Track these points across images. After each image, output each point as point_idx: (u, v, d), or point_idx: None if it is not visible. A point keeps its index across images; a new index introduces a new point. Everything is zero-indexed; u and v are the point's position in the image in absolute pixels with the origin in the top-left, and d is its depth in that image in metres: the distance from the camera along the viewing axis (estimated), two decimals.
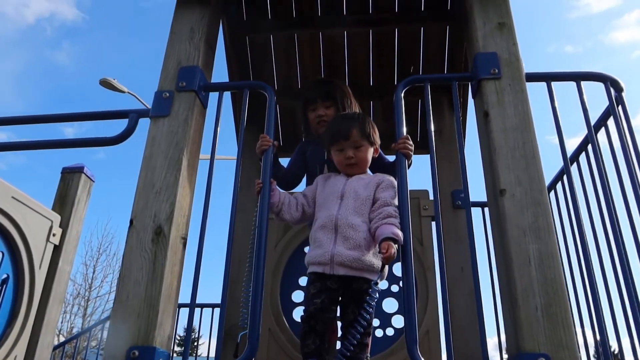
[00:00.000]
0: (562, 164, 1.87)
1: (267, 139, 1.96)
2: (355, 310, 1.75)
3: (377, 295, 1.68)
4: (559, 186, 2.64)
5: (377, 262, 1.75)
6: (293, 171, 2.49)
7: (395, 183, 1.91)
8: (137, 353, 1.51)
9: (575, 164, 2.40)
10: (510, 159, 1.71)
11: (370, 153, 2.02)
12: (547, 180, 2.14)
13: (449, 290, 1.67)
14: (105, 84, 10.65)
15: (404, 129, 1.92)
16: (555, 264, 1.53)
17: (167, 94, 1.98)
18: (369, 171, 2.07)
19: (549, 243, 1.57)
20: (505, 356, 2.83)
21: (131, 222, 1.76)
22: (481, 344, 1.56)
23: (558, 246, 1.60)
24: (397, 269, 2.69)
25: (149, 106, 2.01)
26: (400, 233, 1.69)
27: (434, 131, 1.96)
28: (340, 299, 1.81)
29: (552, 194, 2.67)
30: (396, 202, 1.82)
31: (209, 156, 1.92)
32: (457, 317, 2.56)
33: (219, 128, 1.96)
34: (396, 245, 1.66)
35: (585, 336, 2.44)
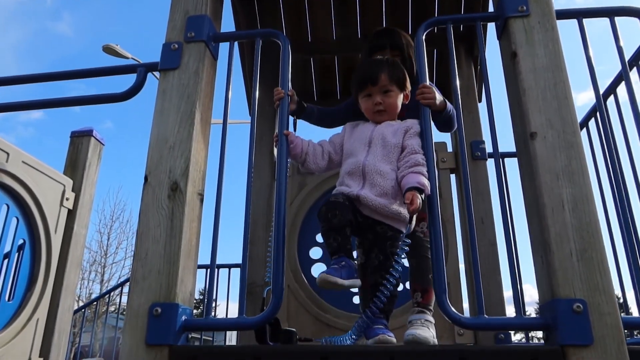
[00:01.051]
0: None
1: (281, 91, 1.87)
2: (379, 256, 1.71)
3: (407, 247, 1.64)
4: (591, 123, 2.54)
5: (404, 211, 1.70)
6: (335, 112, 2.31)
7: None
8: (159, 310, 1.48)
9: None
10: (541, 100, 1.62)
11: (400, 99, 1.93)
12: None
13: (469, 242, 1.61)
14: (109, 50, 10.50)
15: (426, 75, 1.82)
16: (590, 207, 1.46)
17: (176, 46, 1.89)
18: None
19: (583, 186, 1.49)
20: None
21: (146, 178, 1.70)
22: (513, 292, 1.51)
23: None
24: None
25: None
26: (427, 182, 1.62)
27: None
28: (362, 240, 1.77)
29: (583, 131, 2.58)
30: (422, 151, 1.74)
31: (221, 120, 1.84)
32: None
33: (231, 79, 1.87)
34: (422, 195, 1.59)
35: (622, 282, 2.39)
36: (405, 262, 2.02)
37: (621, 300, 2.56)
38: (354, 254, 1.78)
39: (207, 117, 1.87)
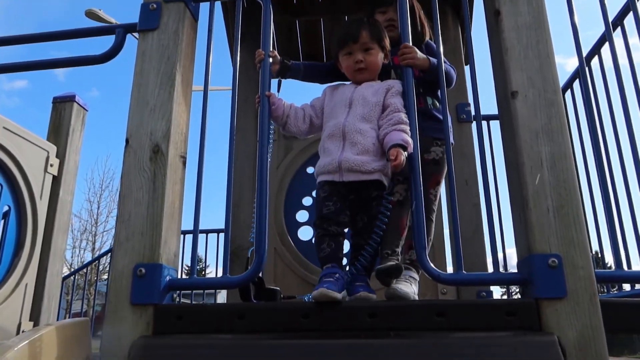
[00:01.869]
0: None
1: (262, 52, 1.85)
2: (364, 218, 1.73)
3: (388, 210, 1.65)
4: (576, 85, 2.55)
5: (386, 169, 1.70)
6: (323, 67, 2.27)
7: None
8: (143, 270, 1.50)
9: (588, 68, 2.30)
10: (522, 59, 1.61)
11: (381, 58, 1.92)
12: (562, 81, 2.05)
13: (451, 206, 1.63)
14: (92, 15, 10.23)
15: (409, 35, 1.80)
16: (568, 165, 1.48)
17: (154, 5, 1.84)
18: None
19: (562, 144, 1.50)
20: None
21: (127, 141, 1.69)
22: (492, 252, 1.55)
23: (573, 148, 1.54)
24: None
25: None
26: (410, 140, 1.63)
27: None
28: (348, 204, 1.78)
29: (567, 94, 2.59)
30: (404, 110, 1.74)
31: (202, 87, 1.81)
32: (461, 230, 2.56)
33: (212, 39, 1.83)
34: (405, 152, 1.60)
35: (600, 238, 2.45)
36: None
37: (599, 256, 2.62)
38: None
39: (188, 79, 1.84)
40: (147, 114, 1.71)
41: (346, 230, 1.75)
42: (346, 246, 1.80)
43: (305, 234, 2.88)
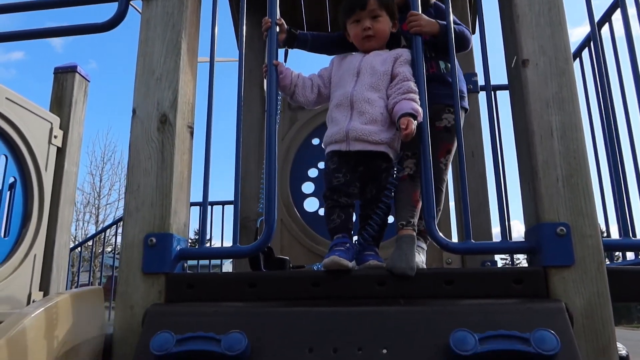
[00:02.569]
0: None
1: (269, 20, 1.82)
2: (372, 190, 1.73)
3: (396, 180, 1.66)
4: (585, 53, 2.52)
5: (395, 138, 1.70)
6: (331, 37, 2.21)
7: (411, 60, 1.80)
8: (154, 240, 1.51)
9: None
10: (534, 27, 1.59)
11: (389, 26, 1.89)
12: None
13: (460, 175, 1.63)
14: None
15: (418, 3, 1.77)
16: (578, 134, 1.47)
17: None
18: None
19: (572, 114, 1.50)
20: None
21: (134, 111, 1.68)
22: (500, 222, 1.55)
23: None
24: None
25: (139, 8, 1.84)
26: (420, 109, 1.61)
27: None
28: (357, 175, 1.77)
29: (576, 62, 2.56)
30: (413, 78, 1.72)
31: (206, 59, 1.79)
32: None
33: (217, 5, 1.80)
34: (416, 121, 1.59)
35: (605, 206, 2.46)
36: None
37: (603, 227, 2.64)
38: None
39: (193, 48, 1.82)
40: (153, 83, 1.70)
41: (355, 201, 1.76)
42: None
43: (311, 205, 2.89)
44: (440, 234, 1.48)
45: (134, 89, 1.71)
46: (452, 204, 2.85)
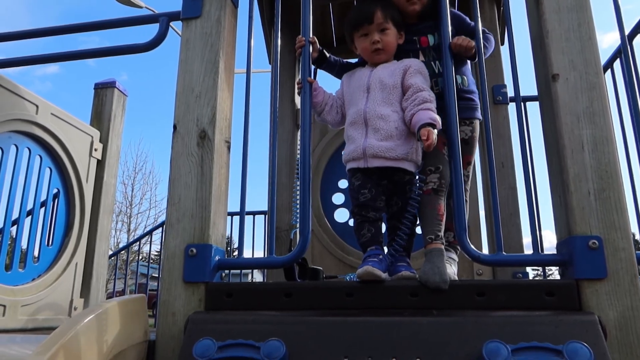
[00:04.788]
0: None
1: (303, 38, 1.88)
2: (398, 202, 1.77)
3: (420, 190, 1.69)
4: (616, 64, 2.51)
5: (412, 151, 1.73)
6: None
7: (423, 68, 1.84)
8: (194, 250, 1.58)
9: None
10: (564, 42, 1.61)
11: (397, 38, 1.92)
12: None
13: (490, 186, 1.65)
14: (124, 0, 10.35)
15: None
16: (609, 148, 1.48)
17: None
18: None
19: (603, 127, 1.51)
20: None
21: (175, 127, 1.76)
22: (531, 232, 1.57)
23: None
24: None
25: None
26: (438, 118, 1.65)
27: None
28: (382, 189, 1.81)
29: (607, 73, 2.55)
30: (427, 86, 1.76)
31: (244, 70, 1.87)
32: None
33: (253, 24, 1.88)
34: (435, 130, 1.62)
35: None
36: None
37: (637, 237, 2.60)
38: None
39: (230, 66, 1.90)
40: (193, 101, 1.78)
41: (382, 214, 1.80)
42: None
43: (342, 216, 2.94)
44: (472, 245, 1.51)
45: (174, 105, 1.80)
46: (482, 214, 2.85)
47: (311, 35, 1.89)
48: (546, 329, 1.25)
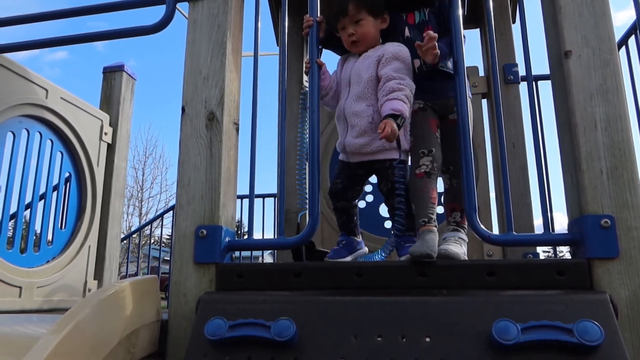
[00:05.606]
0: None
1: (310, 18, 1.86)
2: (387, 184, 1.79)
3: (403, 171, 1.70)
4: (631, 41, 2.46)
5: (388, 143, 1.72)
6: None
7: (400, 52, 1.80)
8: (205, 232, 1.59)
9: None
10: (577, 17, 1.57)
11: (375, 26, 1.90)
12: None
13: (500, 167, 1.64)
14: None
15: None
16: (623, 125, 1.46)
17: None
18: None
19: (617, 105, 1.48)
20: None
21: (183, 109, 1.76)
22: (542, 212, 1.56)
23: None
24: None
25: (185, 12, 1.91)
26: (402, 106, 1.64)
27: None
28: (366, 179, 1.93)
29: (622, 51, 2.50)
30: (401, 73, 1.74)
31: (252, 53, 1.86)
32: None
33: (260, 4, 1.86)
34: (398, 120, 1.63)
35: None
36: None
37: None
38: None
39: (237, 47, 1.89)
40: (201, 82, 1.77)
41: (357, 201, 1.95)
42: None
43: None
44: (482, 225, 1.50)
45: (182, 88, 1.79)
46: (492, 194, 2.83)
47: (319, 15, 1.87)
48: (557, 307, 1.25)
